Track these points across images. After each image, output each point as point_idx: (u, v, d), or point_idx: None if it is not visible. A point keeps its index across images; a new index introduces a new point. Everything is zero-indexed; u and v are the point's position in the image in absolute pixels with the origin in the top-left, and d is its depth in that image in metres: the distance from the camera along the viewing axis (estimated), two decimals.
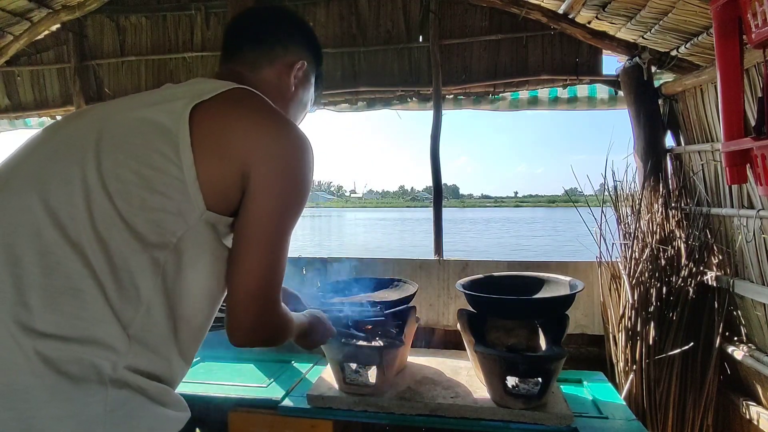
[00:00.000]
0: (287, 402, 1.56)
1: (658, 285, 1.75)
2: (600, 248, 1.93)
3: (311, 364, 1.88)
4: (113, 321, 0.61)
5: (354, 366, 1.55)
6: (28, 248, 0.61)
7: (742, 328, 1.75)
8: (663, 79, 2.03)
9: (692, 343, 1.71)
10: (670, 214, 1.86)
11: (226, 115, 0.70)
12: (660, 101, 2.02)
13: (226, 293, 0.75)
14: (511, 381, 1.44)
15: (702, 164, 1.84)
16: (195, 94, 0.69)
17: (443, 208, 2.33)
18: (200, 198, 0.65)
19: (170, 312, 0.67)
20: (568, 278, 1.63)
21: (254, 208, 0.69)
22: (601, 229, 1.94)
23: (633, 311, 1.77)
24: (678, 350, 1.70)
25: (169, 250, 0.65)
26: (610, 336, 1.91)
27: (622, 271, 1.85)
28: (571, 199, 2.01)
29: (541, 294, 1.67)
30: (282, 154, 0.71)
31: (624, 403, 1.58)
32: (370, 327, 1.47)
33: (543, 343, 1.50)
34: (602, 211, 1.95)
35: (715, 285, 1.78)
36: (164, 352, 0.68)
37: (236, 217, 0.71)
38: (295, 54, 0.89)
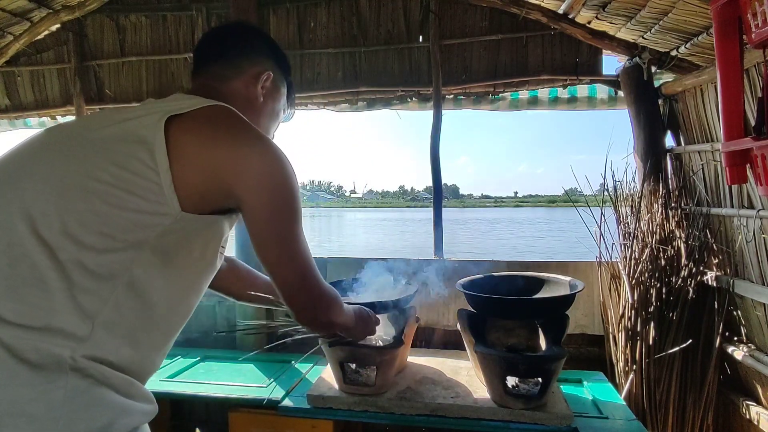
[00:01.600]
0: (287, 402, 1.56)
1: (658, 285, 1.75)
2: (600, 248, 1.94)
3: (311, 364, 1.88)
4: (76, 312, 0.64)
5: (354, 366, 1.55)
6: None
7: (742, 328, 1.75)
8: (663, 79, 2.03)
9: (690, 341, 1.71)
10: (670, 214, 1.86)
11: (204, 130, 0.73)
12: (660, 101, 2.03)
13: (203, 289, 0.82)
14: (511, 381, 1.44)
15: (702, 164, 1.84)
16: (171, 109, 0.73)
17: (443, 209, 2.33)
18: (175, 200, 0.69)
19: (142, 306, 0.70)
20: (568, 278, 1.63)
21: (255, 225, 0.77)
22: (600, 230, 1.94)
23: (633, 311, 1.77)
24: (677, 348, 1.70)
25: (143, 247, 0.68)
26: (610, 336, 1.91)
27: (622, 271, 1.85)
28: (571, 199, 2.01)
29: (541, 294, 1.67)
30: (264, 171, 0.75)
31: (624, 403, 1.58)
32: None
33: (543, 343, 1.50)
34: (602, 212, 1.95)
35: (715, 285, 1.78)
36: (133, 345, 0.70)
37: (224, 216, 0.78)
38: (260, 65, 0.93)
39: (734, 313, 1.76)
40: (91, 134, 0.73)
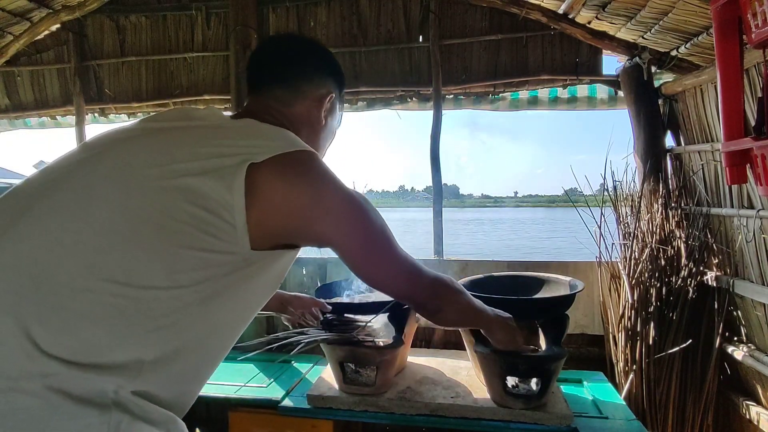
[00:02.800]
0: (287, 402, 1.56)
1: (658, 285, 1.75)
2: (600, 248, 1.94)
3: (311, 364, 1.88)
4: (129, 350, 0.62)
5: (354, 366, 1.55)
6: (58, 268, 0.61)
7: (742, 328, 1.75)
8: (663, 79, 2.03)
9: (690, 341, 1.71)
10: (670, 214, 1.86)
11: (284, 176, 0.71)
12: (660, 101, 2.02)
13: (251, 319, 0.82)
14: (511, 381, 1.43)
15: (702, 164, 1.84)
16: (251, 152, 0.69)
17: (443, 209, 2.33)
18: (247, 240, 0.68)
19: (195, 343, 0.69)
20: (568, 278, 1.63)
21: (353, 262, 0.81)
22: (600, 230, 1.94)
23: (633, 311, 1.77)
24: (677, 348, 1.70)
25: (207, 285, 0.67)
26: (610, 336, 1.91)
27: (622, 271, 1.84)
28: (571, 199, 2.01)
29: (541, 294, 1.66)
30: (347, 213, 0.77)
31: (624, 403, 1.58)
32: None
33: (543, 343, 1.50)
34: (602, 212, 1.95)
35: (714, 285, 1.78)
36: (181, 380, 0.70)
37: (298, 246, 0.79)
38: (322, 87, 0.91)
39: (734, 313, 1.76)
40: (165, 167, 0.68)
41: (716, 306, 1.76)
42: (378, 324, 1.54)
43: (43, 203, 0.66)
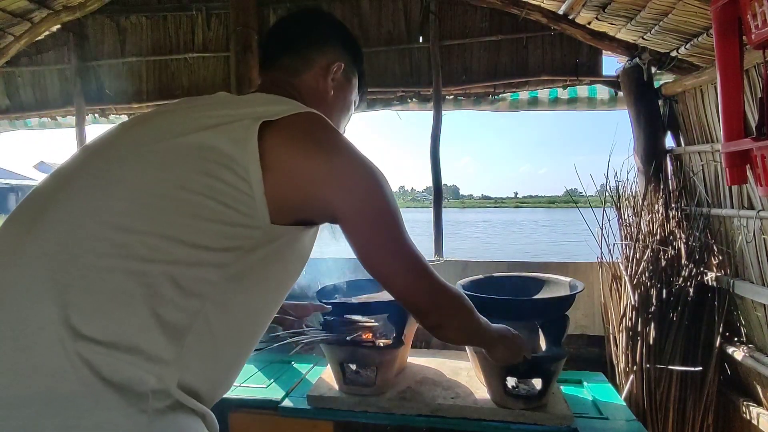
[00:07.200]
0: (287, 402, 1.56)
1: (659, 285, 1.75)
2: (601, 249, 1.94)
3: (311, 365, 1.88)
4: (164, 331, 0.60)
5: (354, 366, 1.55)
6: (85, 251, 0.60)
7: (742, 328, 1.75)
8: (663, 79, 2.04)
9: (691, 341, 1.71)
10: (671, 215, 1.86)
11: (297, 140, 0.69)
12: (660, 102, 2.03)
13: (282, 301, 0.79)
14: (511, 381, 1.43)
15: (702, 165, 1.84)
16: (261, 115, 0.68)
17: (444, 209, 2.33)
18: (266, 213, 0.65)
19: (228, 324, 0.67)
20: (568, 279, 1.63)
21: (359, 239, 0.74)
22: (602, 230, 1.94)
23: (633, 312, 1.77)
24: (678, 367, 1.70)
25: (233, 261, 0.65)
26: (611, 337, 1.91)
27: (623, 272, 1.84)
28: (572, 199, 2.01)
29: (542, 295, 1.66)
30: (360, 183, 0.72)
31: (624, 403, 1.57)
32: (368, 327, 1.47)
33: (543, 343, 1.50)
34: (603, 212, 1.95)
35: (715, 286, 1.78)
36: (217, 365, 0.68)
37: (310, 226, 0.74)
38: (331, 56, 0.88)
39: (734, 313, 1.76)
40: (178, 139, 0.68)
41: (716, 306, 1.76)
42: (378, 324, 1.55)
43: (63, 194, 0.66)
